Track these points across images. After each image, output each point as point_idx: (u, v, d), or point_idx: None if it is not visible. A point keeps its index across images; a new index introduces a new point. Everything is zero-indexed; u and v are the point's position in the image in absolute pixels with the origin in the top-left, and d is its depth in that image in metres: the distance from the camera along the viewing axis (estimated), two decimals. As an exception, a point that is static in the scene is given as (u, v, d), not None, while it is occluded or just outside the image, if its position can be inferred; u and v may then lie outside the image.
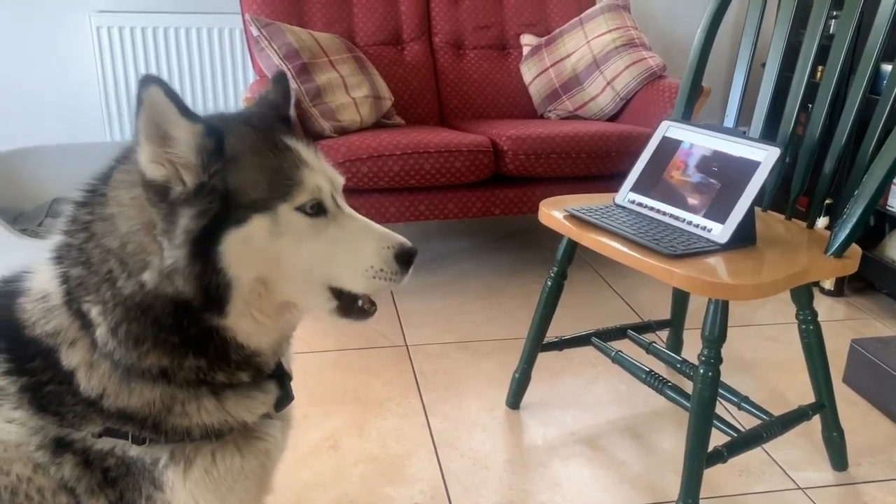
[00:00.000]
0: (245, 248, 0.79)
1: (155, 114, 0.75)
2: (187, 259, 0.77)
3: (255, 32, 2.60)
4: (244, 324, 0.83)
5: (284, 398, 0.94)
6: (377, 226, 0.89)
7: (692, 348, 1.82)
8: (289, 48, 2.56)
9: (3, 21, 2.92)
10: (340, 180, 0.89)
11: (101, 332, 0.80)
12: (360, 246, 0.86)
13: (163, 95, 0.74)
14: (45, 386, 0.81)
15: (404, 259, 0.88)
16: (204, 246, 0.77)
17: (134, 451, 0.82)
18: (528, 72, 3.06)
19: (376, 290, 0.87)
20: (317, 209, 0.83)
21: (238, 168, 0.79)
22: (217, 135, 0.78)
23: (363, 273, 0.86)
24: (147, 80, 0.73)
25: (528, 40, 3.09)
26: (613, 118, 2.94)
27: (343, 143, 2.38)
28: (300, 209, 0.81)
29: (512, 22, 3.12)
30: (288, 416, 0.98)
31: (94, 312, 0.80)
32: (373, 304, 0.91)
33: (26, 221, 2.78)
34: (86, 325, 0.81)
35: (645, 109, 2.79)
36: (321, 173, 0.84)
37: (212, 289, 0.79)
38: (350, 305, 0.89)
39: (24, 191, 2.89)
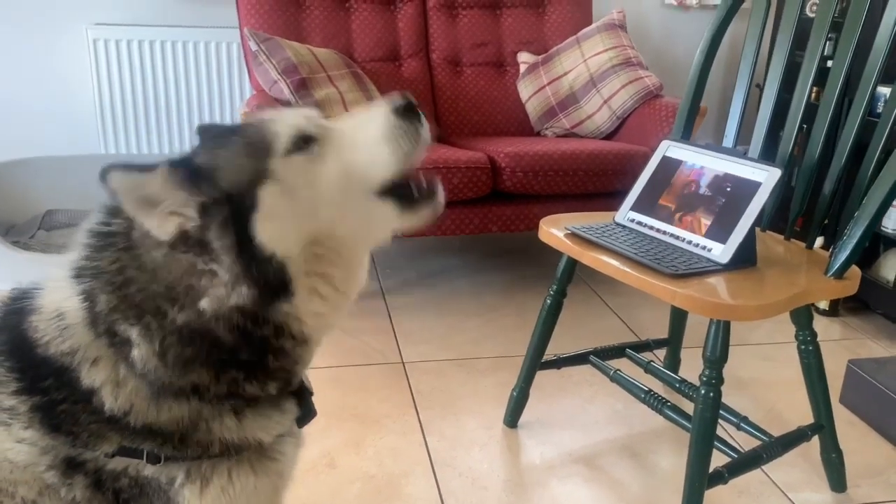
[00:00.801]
0: (276, 223, 0.78)
1: (129, 194, 0.76)
2: (240, 266, 0.77)
3: (253, 47, 2.61)
4: (311, 304, 0.82)
5: (307, 414, 0.93)
6: (362, 113, 0.86)
7: (689, 367, 1.82)
8: (287, 63, 2.56)
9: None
10: (313, 112, 0.87)
11: (141, 353, 0.79)
12: (362, 133, 0.83)
13: (122, 178, 0.75)
14: (59, 405, 0.80)
15: (404, 112, 0.83)
16: (247, 246, 0.77)
17: (148, 470, 0.81)
18: (524, 89, 3.07)
19: (407, 156, 0.83)
20: (305, 140, 0.81)
21: (221, 168, 0.79)
22: (183, 162, 0.79)
23: (386, 150, 0.82)
24: (104, 174, 0.75)
25: (525, 58, 3.10)
26: (610, 136, 2.95)
27: (341, 159, 2.37)
28: (289, 153, 0.80)
29: (509, 40, 3.14)
30: (299, 433, 0.97)
31: (134, 333, 0.79)
32: (428, 184, 0.87)
33: (18, 234, 2.75)
34: (116, 343, 0.80)
35: (641, 128, 2.80)
36: (290, 115, 0.83)
37: (271, 277, 0.78)
38: (408, 194, 0.85)
39: (16, 203, 2.87)
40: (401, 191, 0.84)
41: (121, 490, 0.81)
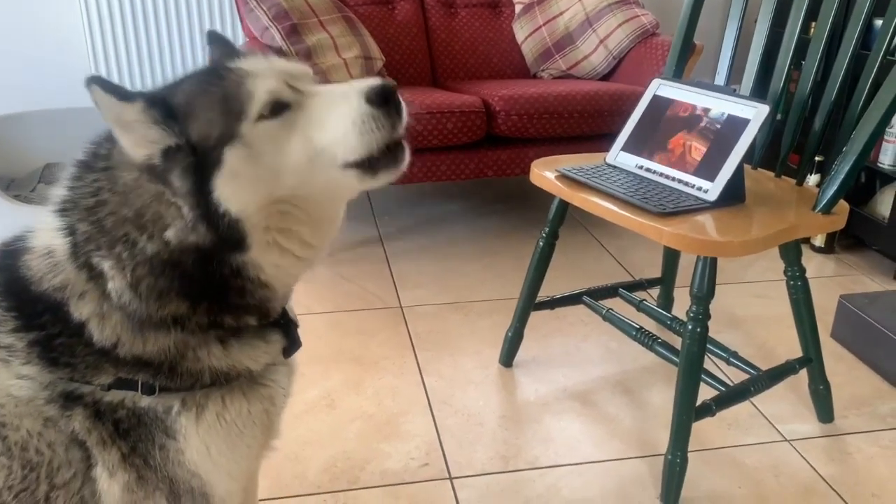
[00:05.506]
0: (237, 183, 0.79)
1: (107, 110, 0.78)
2: (196, 212, 0.79)
3: (243, -7, 2.57)
4: (270, 256, 0.84)
5: (293, 344, 0.95)
6: (343, 84, 0.83)
7: (683, 306, 1.84)
8: (278, 9, 2.53)
9: (-13, -16, 2.88)
10: (301, 69, 0.85)
11: (115, 285, 0.82)
12: (333, 113, 0.81)
13: (102, 92, 0.77)
14: (56, 339, 0.82)
15: (378, 98, 0.80)
16: (205, 197, 0.79)
17: (145, 401, 0.84)
18: (520, 30, 3.03)
19: (375, 144, 0.81)
20: (278, 107, 0.80)
21: (193, 117, 0.80)
22: (160, 102, 0.80)
23: (351, 132, 0.80)
24: (88, 83, 0.77)
25: (520, -2, 3.06)
26: (607, 77, 2.92)
27: (335, 105, 2.36)
28: (261, 118, 0.80)
29: (504, -21, 3.08)
30: (292, 361, 1.00)
31: (107, 266, 0.82)
32: (398, 144, 0.84)
33: (19, 188, 2.77)
34: (94, 276, 0.82)
35: (638, 68, 2.78)
36: (269, 74, 0.82)
37: (224, 230, 0.80)
38: (374, 163, 0.83)
39: (16, 157, 2.88)
40: (365, 163, 0.83)
41: (119, 420, 0.84)
